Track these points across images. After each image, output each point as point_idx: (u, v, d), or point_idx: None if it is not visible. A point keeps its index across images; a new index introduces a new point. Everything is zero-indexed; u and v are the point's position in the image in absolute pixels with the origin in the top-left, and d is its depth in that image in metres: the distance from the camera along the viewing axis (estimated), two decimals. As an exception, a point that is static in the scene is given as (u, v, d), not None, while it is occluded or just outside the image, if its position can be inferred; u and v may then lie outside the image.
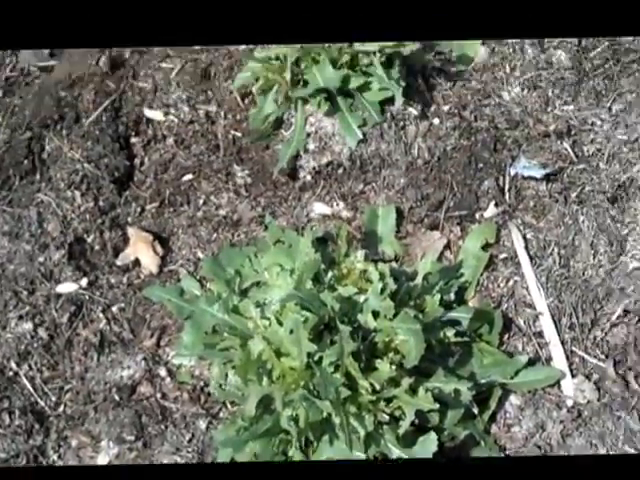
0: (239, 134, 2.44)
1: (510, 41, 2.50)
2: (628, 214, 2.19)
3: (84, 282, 2.22)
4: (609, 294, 2.12)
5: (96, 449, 1.96)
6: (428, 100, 2.41)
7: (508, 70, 2.47)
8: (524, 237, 2.21)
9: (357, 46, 2.32)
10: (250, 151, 2.43)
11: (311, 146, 2.36)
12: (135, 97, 2.50)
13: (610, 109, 2.36)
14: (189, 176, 2.42)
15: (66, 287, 2.20)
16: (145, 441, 1.98)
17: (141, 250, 2.28)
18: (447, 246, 2.23)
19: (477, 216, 2.26)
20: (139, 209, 2.38)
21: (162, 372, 2.09)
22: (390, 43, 2.30)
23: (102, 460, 1.93)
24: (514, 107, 2.40)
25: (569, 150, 2.32)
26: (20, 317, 2.14)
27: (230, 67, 2.53)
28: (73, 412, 2.04)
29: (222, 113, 2.47)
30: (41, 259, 2.23)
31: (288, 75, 2.34)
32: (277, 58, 2.40)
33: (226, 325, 2.04)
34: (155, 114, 2.49)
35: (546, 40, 2.48)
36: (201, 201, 2.37)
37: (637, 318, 2.07)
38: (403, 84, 2.30)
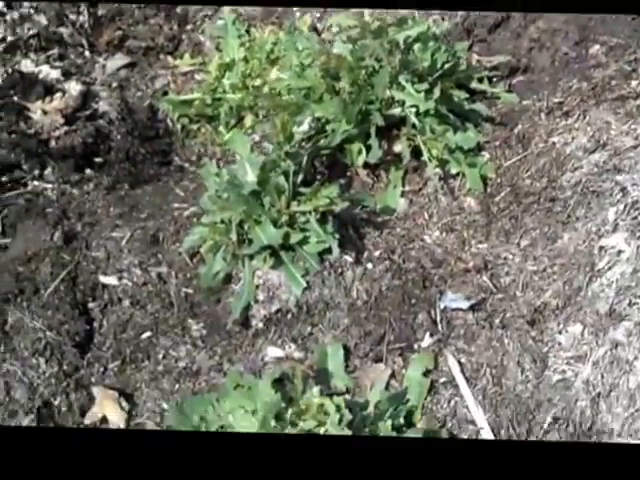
0: (191, 291, 2.65)
1: (425, 192, 2.91)
2: (546, 334, 2.56)
3: (54, 444, 2.34)
4: (539, 405, 2.41)
5: None
6: (360, 248, 2.71)
7: (427, 217, 2.83)
8: (459, 362, 2.51)
9: (294, 207, 2.66)
10: (203, 306, 2.66)
11: (260, 297, 2.60)
12: (90, 266, 2.69)
13: (519, 245, 2.73)
14: (147, 334, 2.62)
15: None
16: None
17: (107, 407, 2.43)
18: (392, 375, 2.50)
19: (415, 346, 2.54)
20: (102, 369, 2.54)
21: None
22: (322, 202, 2.67)
23: None
24: (436, 248, 2.73)
25: (488, 282, 2.65)
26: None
27: (177, 231, 2.79)
28: None
29: (173, 273, 2.69)
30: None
31: (234, 236, 2.62)
32: (222, 222, 2.70)
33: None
34: (110, 279, 2.68)
35: (456, 189, 2.89)
36: (161, 355, 2.56)
37: (566, 424, 2.38)
38: (337, 236, 2.60)
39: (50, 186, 2.94)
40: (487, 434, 2.39)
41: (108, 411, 2.45)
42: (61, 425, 2.37)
